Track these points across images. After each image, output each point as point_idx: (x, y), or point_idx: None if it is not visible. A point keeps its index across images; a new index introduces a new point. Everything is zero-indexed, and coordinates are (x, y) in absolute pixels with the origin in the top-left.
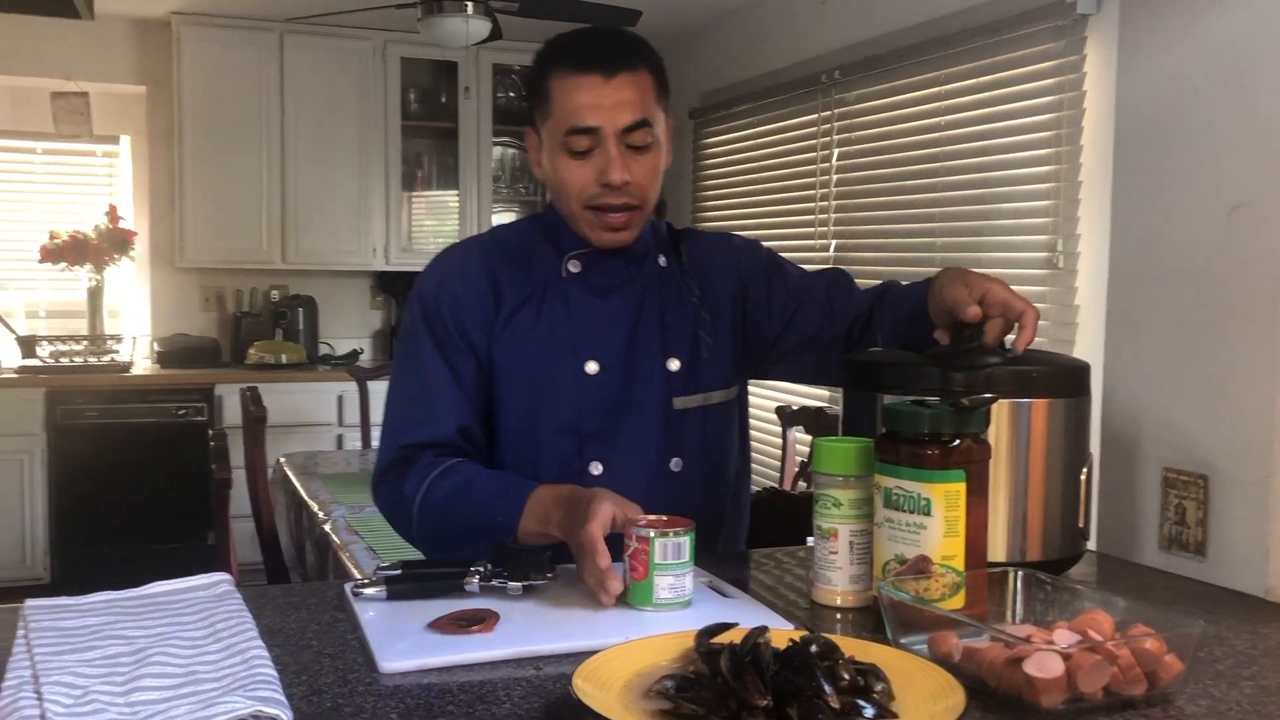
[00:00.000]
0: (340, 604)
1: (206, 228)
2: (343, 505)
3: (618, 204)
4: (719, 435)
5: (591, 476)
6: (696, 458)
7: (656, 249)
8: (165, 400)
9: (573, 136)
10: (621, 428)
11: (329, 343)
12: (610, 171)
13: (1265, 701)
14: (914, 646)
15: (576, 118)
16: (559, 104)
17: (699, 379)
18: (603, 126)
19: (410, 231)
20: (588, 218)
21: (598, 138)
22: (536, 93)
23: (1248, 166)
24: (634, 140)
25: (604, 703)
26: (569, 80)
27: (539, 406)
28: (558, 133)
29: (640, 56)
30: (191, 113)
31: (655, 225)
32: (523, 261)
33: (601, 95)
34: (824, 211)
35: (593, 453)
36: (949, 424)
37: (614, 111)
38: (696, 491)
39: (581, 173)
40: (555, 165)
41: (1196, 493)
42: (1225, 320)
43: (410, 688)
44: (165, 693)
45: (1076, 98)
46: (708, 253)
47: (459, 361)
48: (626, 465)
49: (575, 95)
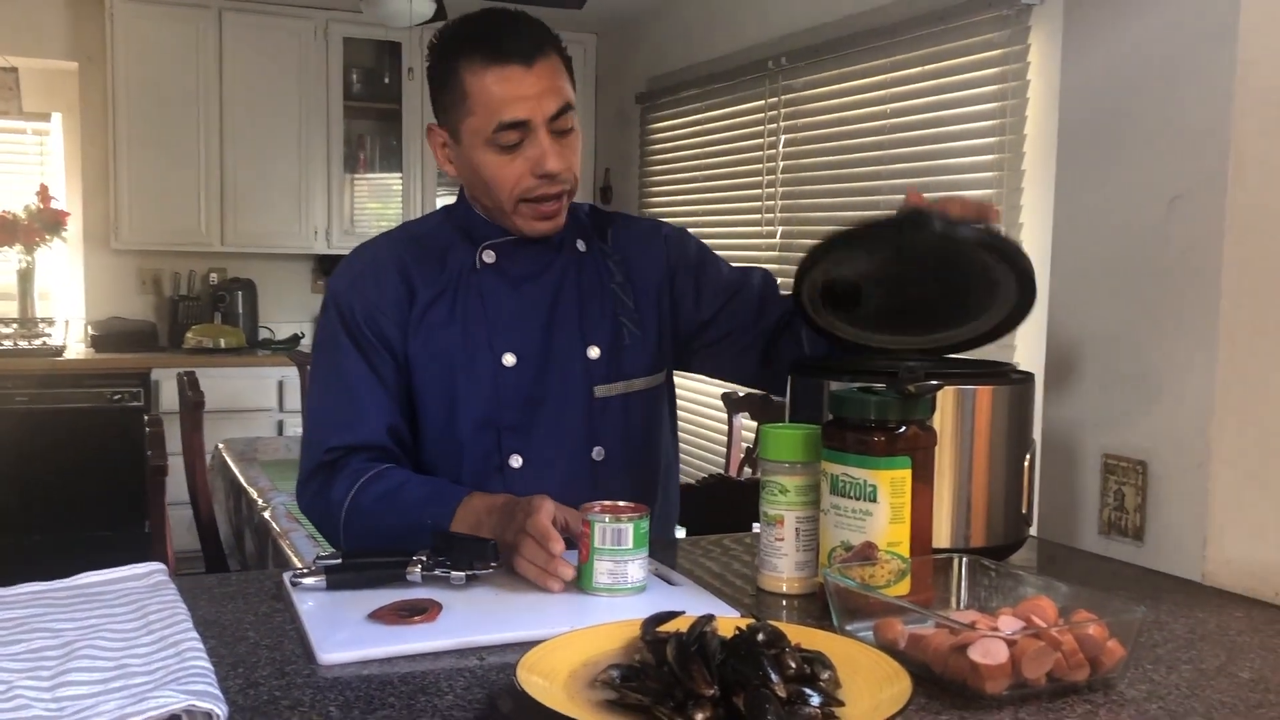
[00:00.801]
0: (278, 594)
1: (143, 209)
2: (283, 492)
3: (554, 193)
4: (644, 423)
5: (511, 470)
6: (620, 446)
7: (575, 233)
8: (100, 385)
9: (502, 133)
10: (540, 419)
11: (269, 327)
12: (546, 162)
13: (1203, 685)
14: (860, 633)
15: (504, 112)
16: (480, 99)
17: (621, 366)
18: (532, 118)
19: (352, 214)
20: (522, 210)
21: (527, 129)
22: (446, 88)
23: (1188, 158)
24: (560, 125)
25: (549, 693)
26: (488, 72)
27: (456, 402)
28: (482, 130)
29: (549, 39)
30: (126, 90)
31: (574, 209)
32: (436, 255)
33: (525, 86)
34: (770, 199)
35: (512, 446)
36: (895, 411)
37: (540, 101)
38: (621, 480)
39: (513, 167)
40: (480, 162)
41: (1135, 479)
42: (1165, 309)
43: (350, 679)
44: (94, 687)
45: (1020, 87)
46: (634, 239)
47: (379, 362)
48: (547, 456)
49: (498, 89)
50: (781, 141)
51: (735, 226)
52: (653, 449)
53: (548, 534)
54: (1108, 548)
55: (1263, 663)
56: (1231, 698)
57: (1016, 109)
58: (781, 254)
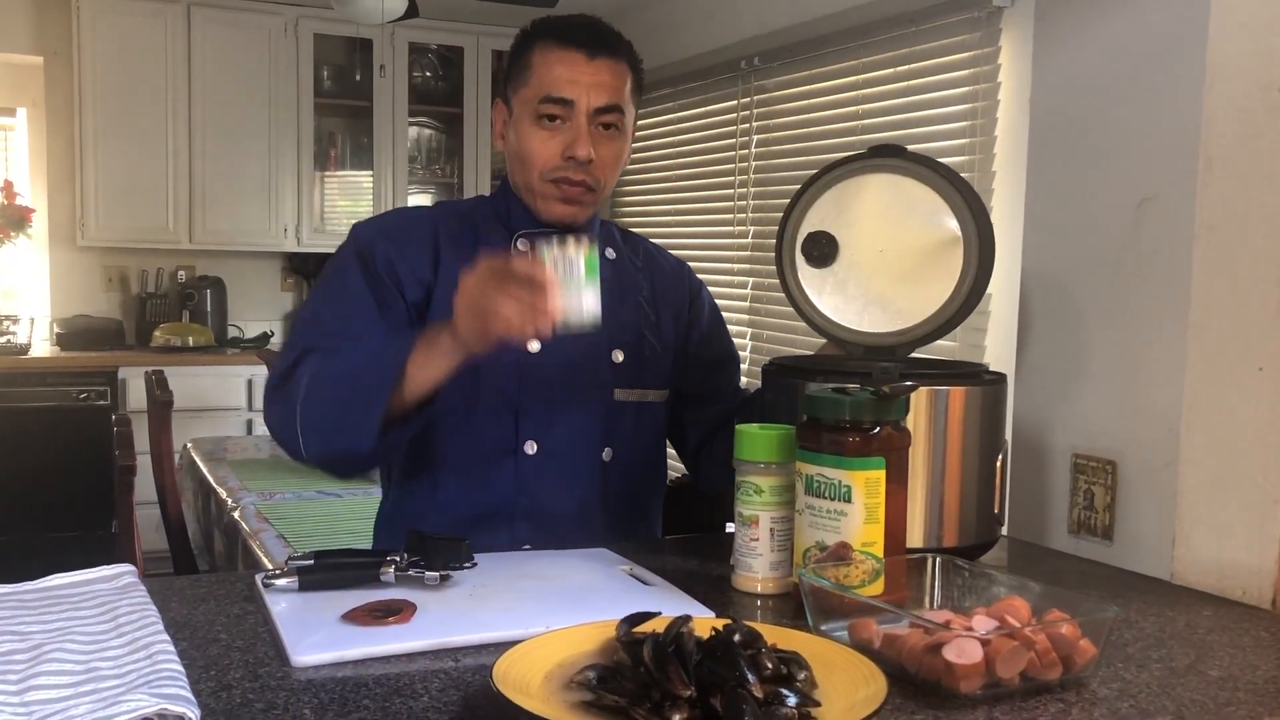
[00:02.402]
0: (250, 595)
1: (109, 205)
2: (252, 492)
3: (577, 179)
4: (650, 433)
5: (525, 455)
6: (629, 451)
7: (606, 241)
8: (66, 384)
9: (546, 104)
10: (561, 410)
11: (238, 325)
12: (577, 146)
13: (1173, 683)
14: (834, 633)
15: (553, 88)
16: (538, 73)
17: (641, 375)
18: (577, 100)
19: (323, 212)
20: (545, 189)
21: (570, 111)
22: (517, 62)
23: (1158, 159)
24: (604, 121)
25: (525, 695)
26: (551, 53)
27: (479, 380)
28: (531, 100)
29: (624, 50)
30: (93, 85)
31: (605, 222)
32: (470, 231)
33: (580, 72)
34: (743, 199)
35: (529, 432)
36: (870, 411)
37: (590, 89)
38: (624, 483)
39: (547, 145)
40: (522, 134)
41: (1105, 478)
42: (1134, 310)
43: (324, 681)
44: (63, 691)
45: (991, 89)
46: (663, 264)
47: (384, 295)
48: (560, 448)
49: (555, 68)
50: (754, 142)
51: (707, 227)
52: (657, 459)
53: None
54: (1078, 547)
55: (1231, 661)
56: (1201, 695)
57: (987, 110)
58: (753, 254)
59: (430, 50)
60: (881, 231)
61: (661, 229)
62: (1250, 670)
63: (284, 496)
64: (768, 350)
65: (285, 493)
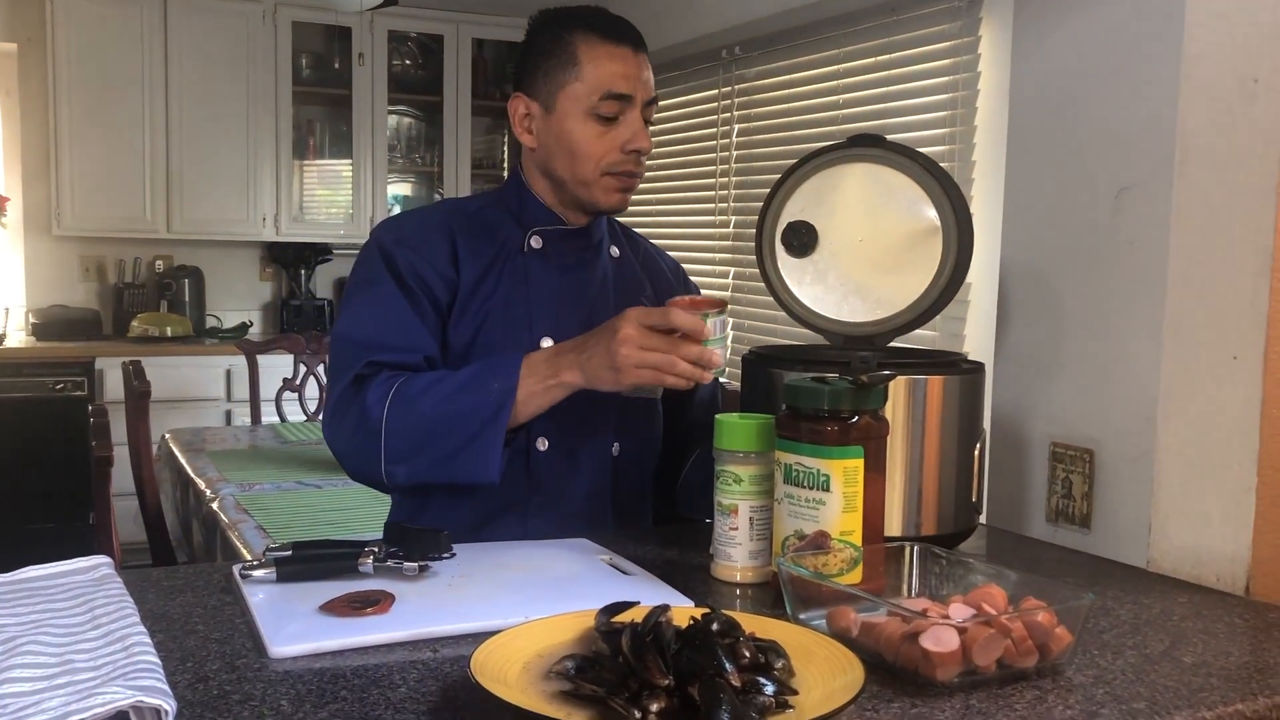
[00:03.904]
0: (228, 586)
1: (85, 194)
2: (231, 483)
3: (637, 170)
4: (653, 426)
5: (537, 452)
6: (635, 445)
7: (611, 239)
8: (42, 374)
9: (607, 101)
10: (572, 408)
11: (217, 315)
12: (639, 139)
13: (1148, 670)
14: (813, 622)
15: (614, 84)
16: (592, 67)
17: None
18: (635, 95)
19: (302, 201)
20: (605, 182)
21: (628, 105)
22: (557, 56)
23: (1136, 150)
24: (648, 114)
25: (502, 685)
26: (603, 47)
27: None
28: (588, 96)
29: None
30: (68, 73)
31: (611, 220)
32: (483, 230)
33: (633, 67)
34: (724, 188)
35: (541, 429)
36: (848, 401)
37: (644, 84)
38: (631, 476)
39: (605, 139)
40: (573, 128)
41: (1083, 467)
42: (1112, 299)
43: (301, 673)
44: (38, 684)
45: (971, 79)
46: (655, 259)
47: (420, 301)
48: (571, 445)
49: (610, 64)
50: (735, 132)
51: (688, 216)
52: (656, 452)
53: (677, 316)
54: (1055, 535)
55: (1205, 647)
56: (1175, 682)
57: (967, 100)
58: (735, 244)
59: (410, 38)
60: (861, 221)
61: (643, 219)
62: (1223, 657)
63: (263, 487)
64: (749, 340)
65: (264, 484)
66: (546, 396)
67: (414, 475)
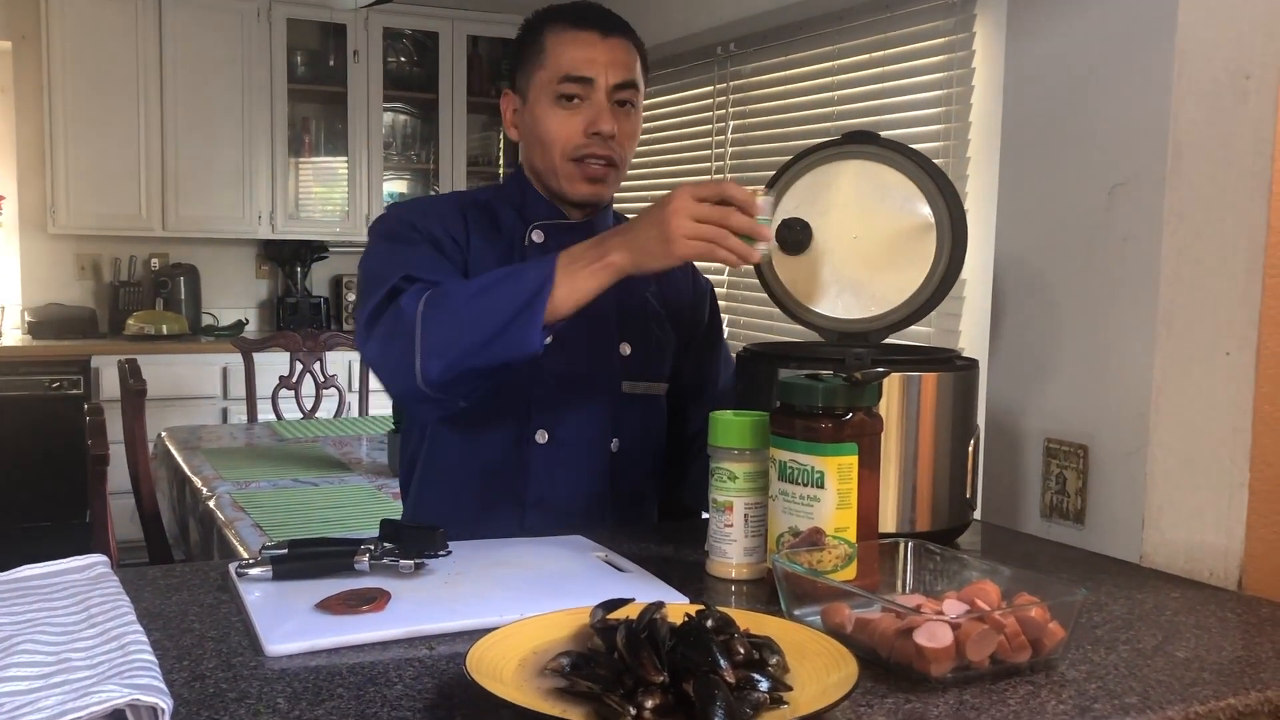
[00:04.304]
0: (224, 585)
1: (81, 192)
2: (228, 481)
3: (602, 154)
4: (654, 423)
5: (537, 444)
6: (635, 442)
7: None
8: (38, 373)
9: (566, 84)
10: (571, 401)
11: (212, 313)
12: (600, 121)
13: (1141, 665)
14: (807, 618)
15: (572, 67)
16: (554, 56)
17: (647, 368)
18: (596, 79)
19: (297, 199)
20: (569, 170)
21: (590, 89)
22: (528, 48)
23: (1129, 146)
24: (620, 98)
25: (498, 682)
26: (566, 35)
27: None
28: (550, 83)
29: (631, 32)
30: (63, 70)
31: (616, 214)
32: (490, 220)
33: (598, 50)
34: None
35: (540, 421)
36: (842, 398)
37: (607, 67)
38: (631, 474)
39: (569, 124)
40: (540, 116)
41: (1077, 462)
42: (1105, 295)
43: (297, 670)
44: (34, 683)
45: (965, 75)
46: None
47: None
48: (571, 438)
49: (571, 49)
50: (730, 128)
51: None
52: (658, 453)
53: (741, 194)
54: (1049, 530)
55: (1197, 642)
56: (1168, 676)
57: (962, 97)
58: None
59: (405, 35)
60: (855, 218)
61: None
62: (1216, 651)
63: (259, 485)
64: (745, 336)
65: (261, 481)
66: (593, 280)
67: (450, 367)
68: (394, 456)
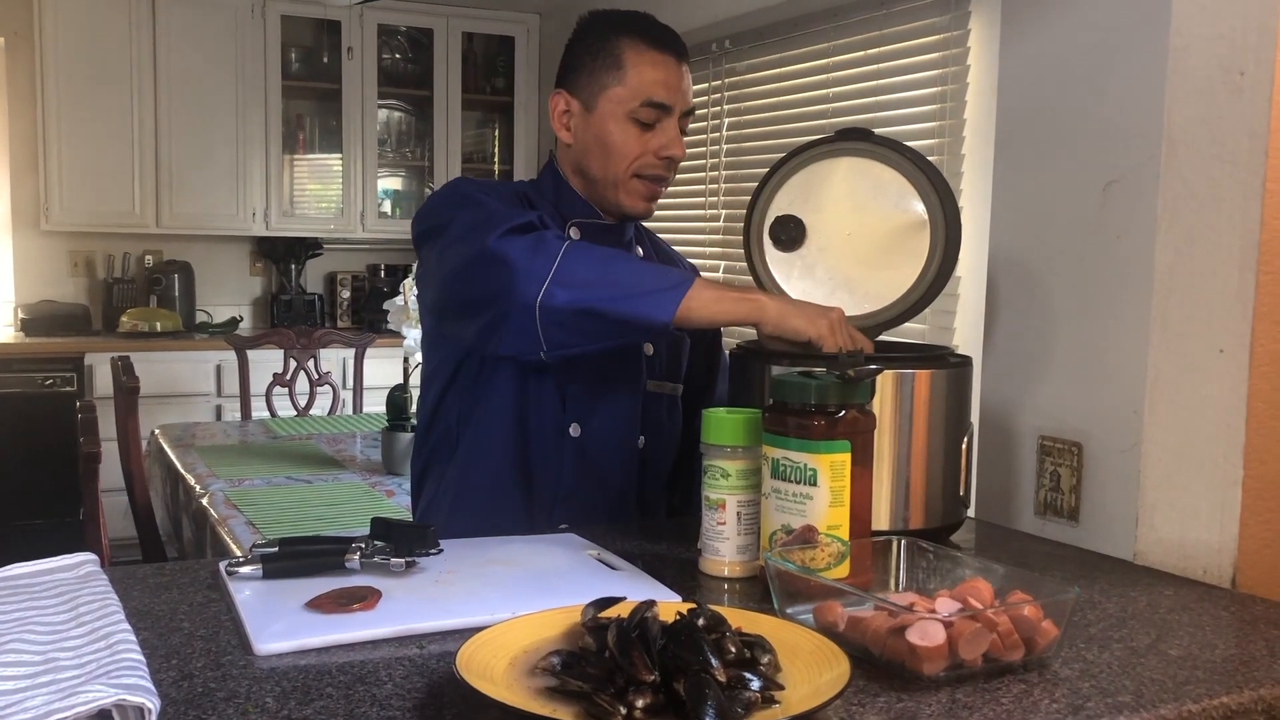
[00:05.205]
0: (214, 583)
1: (74, 189)
2: (221, 479)
3: (665, 175)
4: (672, 422)
5: (570, 437)
6: (658, 440)
7: (637, 240)
8: (31, 370)
9: (646, 108)
10: (602, 396)
11: (206, 310)
12: (674, 148)
13: (1134, 663)
14: (800, 616)
15: (654, 92)
16: (635, 73)
17: (666, 368)
18: (674, 105)
19: (292, 195)
20: (634, 185)
21: (666, 114)
22: (603, 57)
23: (1123, 143)
24: (685, 125)
25: (488, 681)
26: (648, 54)
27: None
28: (628, 100)
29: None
30: (55, 66)
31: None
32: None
33: (676, 77)
34: (714, 182)
35: (574, 414)
36: (835, 395)
37: (683, 95)
38: (654, 470)
39: (640, 143)
40: (612, 129)
41: (1071, 460)
42: (1099, 292)
43: (287, 669)
44: (20, 683)
45: (960, 73)
46: (673, 261)
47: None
48: (602, 432)
49: (653, 71)
50: (725, 125)
51: (678, 210)
52: (675, 448)
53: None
54: (1043, 528)
55: (1191, 640)
56: (1161, 675)
57: (956, 94)
58: (725, 237)
59: (399, 32)
60: (849, 215)
61: None
62: (1209, 649)
63: (253, 483)
64: (737, 333)
65: (254, 479)
66: (736, 307)
67: (575, 301)
68: (388, 454)
